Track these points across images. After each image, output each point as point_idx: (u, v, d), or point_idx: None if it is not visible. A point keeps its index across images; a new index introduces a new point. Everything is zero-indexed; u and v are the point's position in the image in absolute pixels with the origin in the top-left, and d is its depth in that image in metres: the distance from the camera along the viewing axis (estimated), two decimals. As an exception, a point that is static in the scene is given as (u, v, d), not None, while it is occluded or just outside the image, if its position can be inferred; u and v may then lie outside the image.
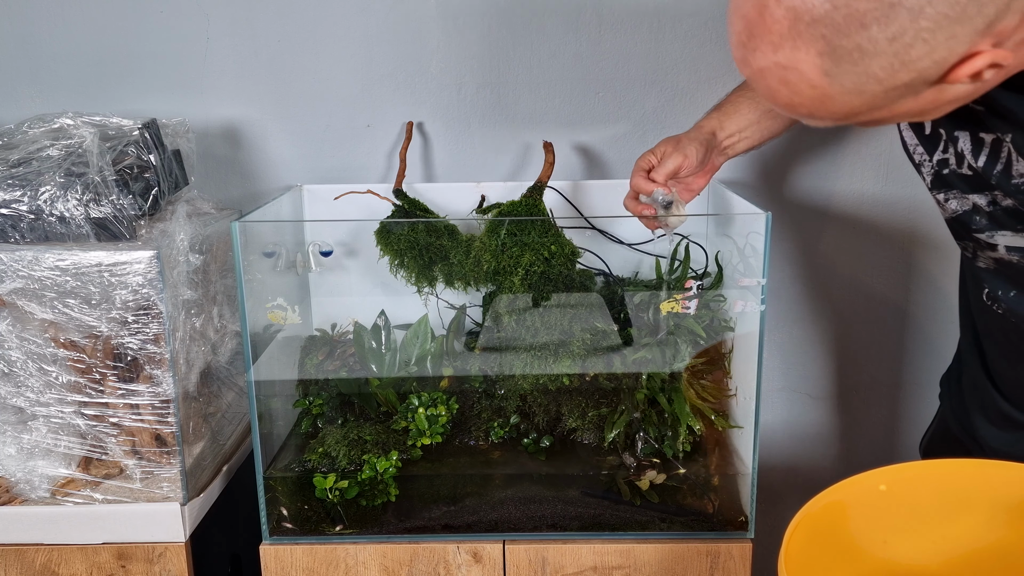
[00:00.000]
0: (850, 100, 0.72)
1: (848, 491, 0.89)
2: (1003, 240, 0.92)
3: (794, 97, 0.73)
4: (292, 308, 1.25)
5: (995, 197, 0.90)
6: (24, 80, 1.50)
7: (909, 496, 0.81)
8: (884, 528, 0.90)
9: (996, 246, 0.93)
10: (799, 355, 1.60)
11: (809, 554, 0.84)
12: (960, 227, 0.97)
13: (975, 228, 0.94)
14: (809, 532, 0.86)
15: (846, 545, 0.89)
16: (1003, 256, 0.94)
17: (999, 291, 0.97)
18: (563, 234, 1.25)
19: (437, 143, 1.51)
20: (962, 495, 0.87)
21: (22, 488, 1.21)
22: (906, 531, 0.89)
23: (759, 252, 1.13)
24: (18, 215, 1.13)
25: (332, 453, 1.25)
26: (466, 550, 1.21)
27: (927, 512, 0.87)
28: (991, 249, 0.94)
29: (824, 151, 1.49)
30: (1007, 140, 0.85)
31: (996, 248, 0.93)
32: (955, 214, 0.96)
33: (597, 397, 1.29)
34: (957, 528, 0.87)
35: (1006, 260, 0.94)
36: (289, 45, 1.47)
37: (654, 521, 1.22)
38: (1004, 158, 0.86)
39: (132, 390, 1.18)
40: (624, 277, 1.40)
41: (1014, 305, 0.96)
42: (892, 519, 0.89)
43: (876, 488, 0.89)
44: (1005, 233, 0.92)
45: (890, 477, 0.89)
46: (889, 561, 0.89)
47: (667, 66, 1.46)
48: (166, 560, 1.21)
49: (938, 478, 0.83)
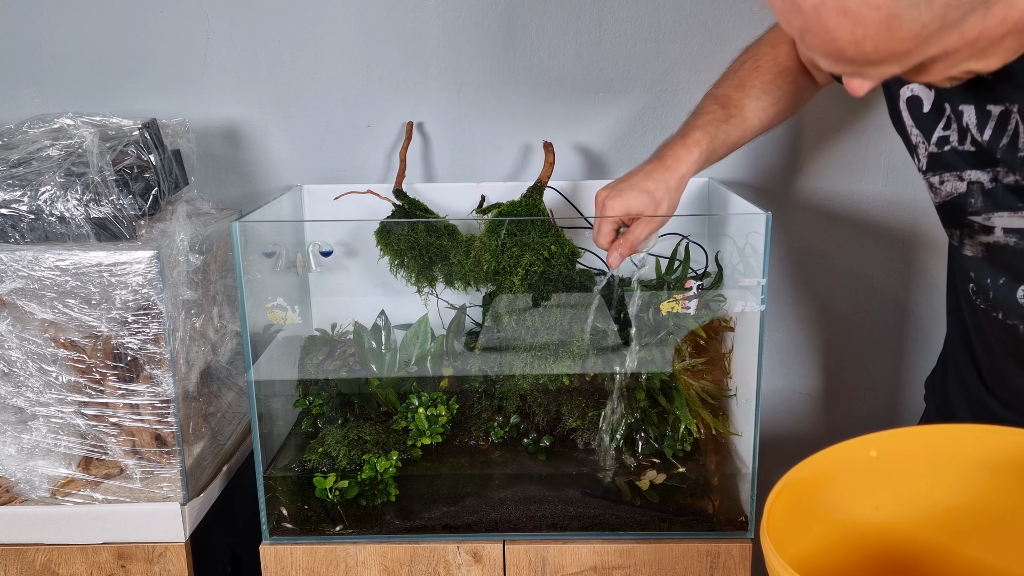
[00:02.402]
0: (919, 15, 0.67)
1: (836, 457, 0.89)
2: (1000, 222, 0.91)
3: (856, 30, 0.68)
4: (292, 308, 1.25)
5: (997, 174, 0.89)
6: (24, 80, 1.50)
7: (900, 462, 0.81)
8: (875, 494, 0.89)
9: (992, 229, 0.92)
10: (799, 355, 1.60)
11: (794, 520, 0.84)
12: (953, 211, 0.95)
13: (971, 210, 0.93)
14: (793, 498, 0.85)
15: (833, 511, 0.89)
16: (999, 240, 0.92)
17: (987, 279, 0.95)
18: (563, 234, 1.25)
19: (437, 143, 1.51)
20: (953, 458, 0.87)
21: (22, 488, 1.21)
22: (897, 496, 0.89)
23: (759, 252, 1.13)
24: (18, 215, 1.13)
25: (332, 453, 1.25)
26: (466, 550, 1.21)
27: (918, 477, 0.86)
28: (985, 233, 0.93)
29: (824, 151, 1.49)
30: (1015, 111, 0.84)
31: (992, 231, 0.92)
32: (949, 197, 0.94)
33: (597, 397, 1.29)
34: (945, 490, 0.87)
35: (1001, 244, 0.92)
36: (289, 45, 1.47)
37: (654, 521, 1.22)
38: (1011, 130, 0.86)
39: (132, 390, 1.18)
40: (624, 277, 1.40)
41: (1002, 293, 0.94)
42: (883, 485, 0.89)
43: (866, 454, 0.89)
44: (1003, 214, 0.90)
45: (880, 443, 0.88)
46: (879, 525, 0.89)
47: (667, 66, 1.46)
48: (166, 560, 1.21)
49: (928, 443, 0.83)
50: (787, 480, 0.86)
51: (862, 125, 1.48)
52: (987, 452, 0.85)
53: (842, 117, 1.48)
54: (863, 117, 1.48)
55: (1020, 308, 0.93)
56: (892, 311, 1.56)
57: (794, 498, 0.85)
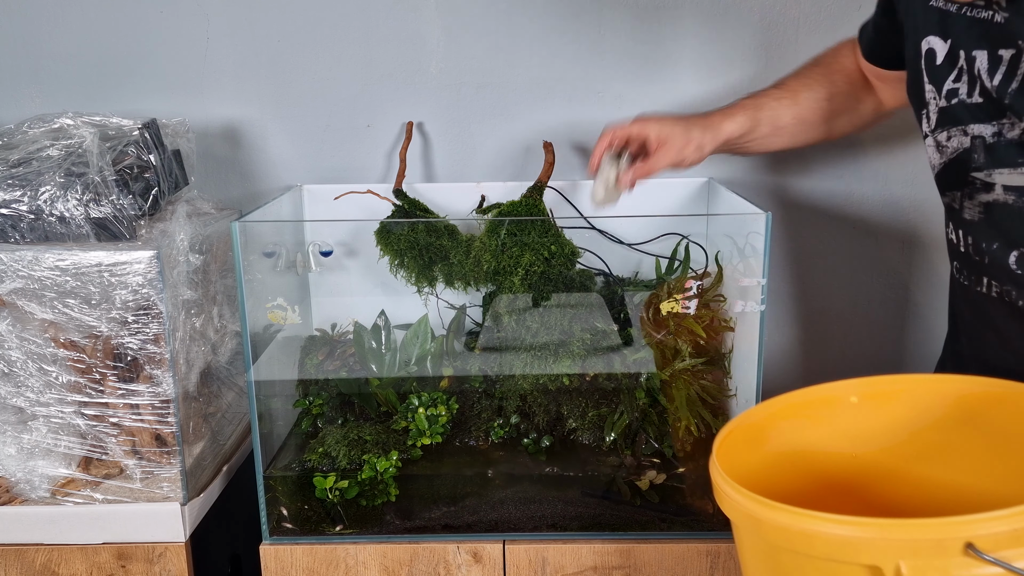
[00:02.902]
0: None
1: (815, 398, 0.91)
2: (1001, 179, 0.92)
3: None
4: (292, 308, 1.25)
5: (1001, 127, 0.91)
6: (24, 80, 1.50)
7: (881, 409, 0.82)
8: (852, 440, 0.91)
9: (993, 186, 0.93)
10: (799, 355, 1.60)
11: (744, 447, 0.86)
12: (957, 169, 0.97)
13: (973, 166, 0.94)
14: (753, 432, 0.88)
15: (800, 450, 0.91)
16: (998, 198, 0.93)
17: (982, 244, 0.96)
18: (563, 234, 1.25)
19: (437, 143, 1.51)
20: (932, 407, 0.89)
21: (22, 488, 1.21)
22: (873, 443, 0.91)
23: (759, 252, 1.13)
24: (18, 215, 1.13)
25: (332, 453, 1.25)
26: (466, 550, 1.21)
27: (899, 425, 0.87)
28: (986, 191, 0.94)
29: (824, 151, 1.49)
30: None
31: (992, 189, 0.93)
32: (954, 154, 0.96)
33: (597, 397, 1.29)
34: (906, 425, 0.90)
35: (1000, 203, 0.93)
36: (289, 45, 1.47)
37: (654, 521, 1.22)
38: (1021, 75, 0.87)
39: (132, 390, 1.18)
40: (624, 277, 1.40)
41: (997, 258, 0.95)
42: (861, 431, 0.91)
43: (847, 400, 0.91)
44: (1003, 171, 0.92)
45: (862, 390, 0.90)
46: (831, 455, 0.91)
47: (667, 66, 1.46)
48: (166, 560, 1.21)
49: (909, 392, 0.84)
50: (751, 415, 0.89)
51: (862, 125, 1.48)
52: (958, 395, 0.88)
53: (842, 117, 1.48)
54: (863, 117, 1.48)
55: (1012, 273, 0.94)
56: (892, 311, 1.56)
57: (755, 433, 0.88)
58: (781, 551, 0.72)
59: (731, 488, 0.75)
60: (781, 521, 0.70)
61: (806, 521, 0.68)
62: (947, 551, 0.63)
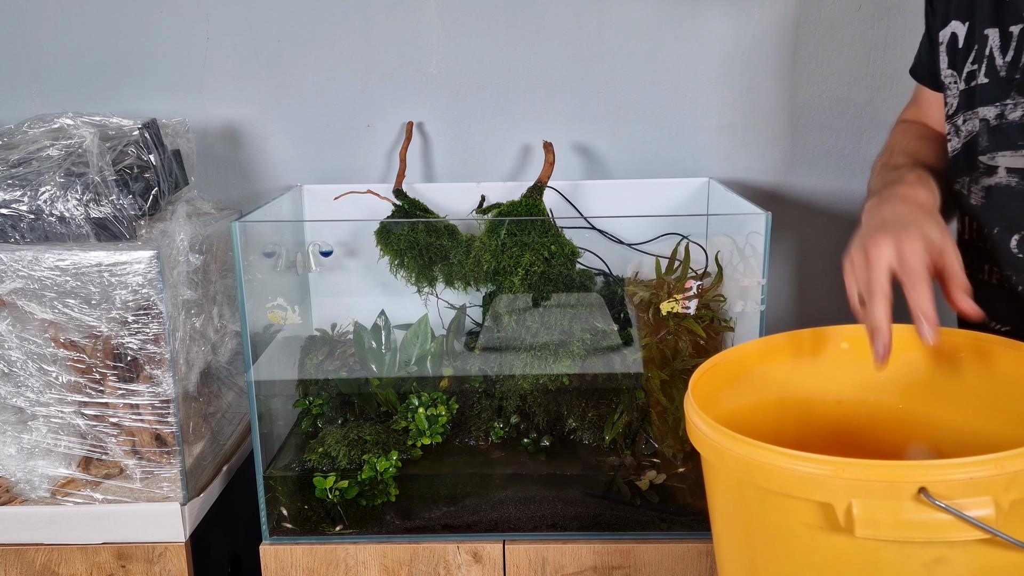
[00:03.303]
0: None
1: (803, 341, 0.91)
2: (1004, 161, 0.92)
3: None
4: (292, 308, 1.25)
5: (1004, 108, 0.91)
6: (24, 80, 1.50)
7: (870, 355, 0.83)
8: (839, 385, 0.92)
9: (996, 169, 0.93)
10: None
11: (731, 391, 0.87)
12: (967, 154, 0.97)
13: (979, 150, 0.94)
14: (736, 370, 0.88)
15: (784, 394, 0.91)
16: (1000, 181, 0.93)
17: (984, 229, 0.97)
18: (563, 234, 1.25)
19: (437, 143, 1.51)
20: (922, 357, 0.89)
21: (22, 488, 1.21)
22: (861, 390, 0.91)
23: (759, 252, 1.13)
24: (18, 215, 1.13)
25: (332, 453, 1.25)
26: (466, 550, 1.21)
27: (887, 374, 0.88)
28: (989, 175, 0.94)
29: (824, 151, 1.49)
30: None
31: (995, 172, 0.93)
32: (968, 138, 0.96)
33: (597, 397, 1.29)
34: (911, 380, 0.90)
35: (1002, 186, 0.93)
36: (289, 45, 1.47)
37: (654, 521, 1.22)
38: None
39: (132, 390, 1.18)
40: (624, 277, 1.40)
41: (998, 243, 0.95)
42: (849, 377, 0.91)
43: (838, 345, 0.91)
44: (1006, 153, 0.92)
45: (854, 335, 0.90)
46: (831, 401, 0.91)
47: (667, 66, 1.46)
48: (166, 560, 1.21)
49: (901, 341, 0.85)
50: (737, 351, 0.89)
51: (862, 125, 1.48)
52: (950, 345, 0.88)
53: (842, 117, 1.48)
54: (863, 117, 1.48)
55: (1013, 257, 0.94)
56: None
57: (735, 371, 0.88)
58: (744, 485, 0.73)
59: (702, 421, 0.76)
60: (743, 453, 0.70)
61: (765, 455, 0.69)
62: (900, 494, 0.63)
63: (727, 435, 0.72)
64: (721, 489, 0.79)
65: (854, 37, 1.44)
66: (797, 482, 0.67)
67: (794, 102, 1.47)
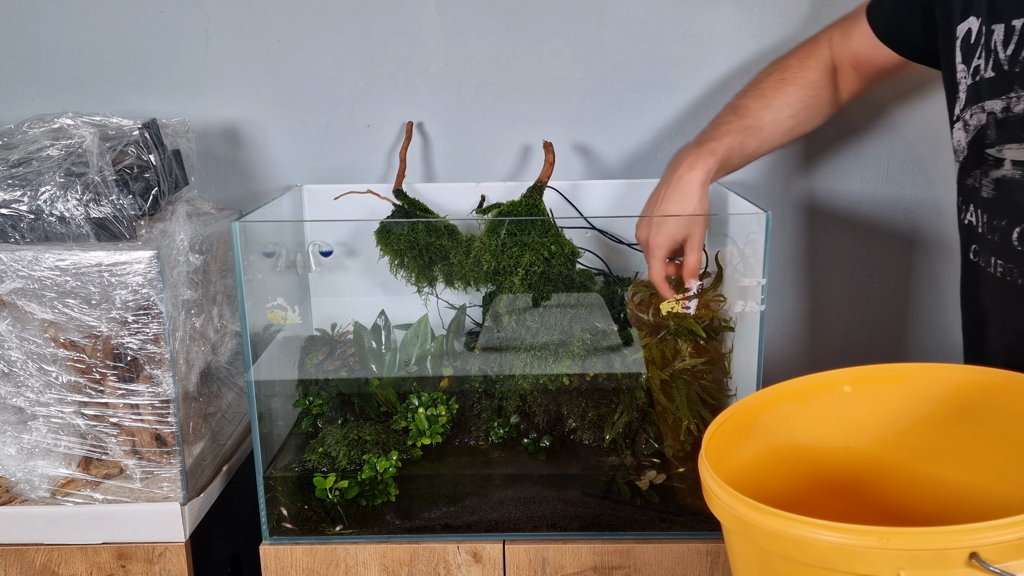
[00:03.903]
0: None
1: (807, 386, 0.90)
2: (1010, 154, 0.93)
3: None
4: (292, 308, 1.25)
5: (1009, 102, 0.91)
6: (24, 80, 1.50)
7: (875, 399, 0.81)
8: (846, 430, 0.89)
9: (1003, 162, 0.94)
10: (799, 355, 1.59)
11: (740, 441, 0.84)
12: (977, 148, 0.98)
13: (987, 143, 0.95)
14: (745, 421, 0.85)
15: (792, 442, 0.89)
16: (1006, 173, 0.94)
17: (993, 221, 0.97)
18: (563, 234, 1.25)
19: (437, 143, 1.51)
20: (927, 397, 0.87)
21: (22, 488, 1.21)
22: (864, 425, 0.89)
23: (759, 252, 1.13)
24: (18, 215, 1.13)
25: (332, 453, 1.25)
26: (466, 550, 1.21)
27: (893, 416, 0.86)
28: (997, 167, 0.94)
29: (824, 151, 1.49)
30: None
31: (1002, 164, 0.94)
32: (975, 131, 0.97)
33: (597, 397, 1.29)
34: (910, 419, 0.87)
35: (1008, 178, 0.94)
36: (289, 45, 1.47)
37: (654, 521, 1.22)
38: None
39: (132, 390, 1.18)
40: (624, 277, 1.40)
41: (1003, 235, 0.96)
42: (855, 421, 0.89)
43: (841, 389, 0.90)
44: (1012, 146, 0.93)
45: (856, 378, 0.88)
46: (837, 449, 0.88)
47: (667, 65, 1.46)
48: (166, 560, 1.21)
49: (904, 381, 0.83)
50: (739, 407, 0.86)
51: (862, 125, 1.48)
52: (957, 386, 0.86)
53: (842, 117, 1.48)
54: (863, 117, 1.48)
55: (1014, 251, 0.94)
56: (892, 311, 1.56)
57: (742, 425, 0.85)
58: (773, 556, 0.69)
59: (721, 489, 0.72)
60: (772, 526, 0.67)
61: (799, 527, 0.65)
62: (950, 561, 0.60)
63: (753, 507, 0.68)
64: (746, 559, 0.75)
65: (854, 37, 1.44)
66: (838, 554, 0.63)
67: (794, 102, 1.47)
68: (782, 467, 0.88)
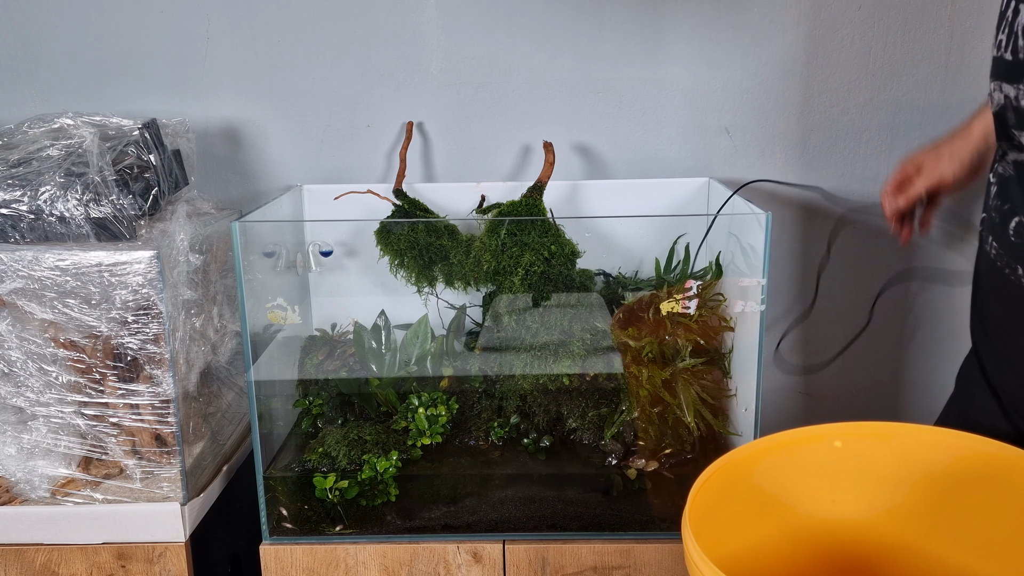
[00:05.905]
0: None
1: (798, 439, 0.89)
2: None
3: None
4: (292, 308, 1.25)
5: (1020, 91, 0.90)
6: (24, 80, 1.50)
7: (866, 456, 0.80)
8: (833, 486, 0.88)
9: (1023, 146, 0.92)
10: (799, 355, 1.60)
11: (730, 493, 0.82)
12: (1000, 124, 0.97)
13: (1011, 124, 0.94)
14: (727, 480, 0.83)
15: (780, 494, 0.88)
16: (1020, 158, 0.92)
17: (1004, 205, 0.96)
18: (563, 234, 1.25)
19: (437, 143, 1.51)
20: (918, 458, 0.86)
21: (22, 488, 1.21)
22: (858, 491, 0.88)
23: (759, 252, 1.13)
24: (18, 215, 1.13)
25: (332, 453, 1.25)
26: (466, 550, 1.21)
27: (881, 473, 0.85)
28: (1018, 151, 0.93)
29: (824, 151, 1.49)
30: None
31: (1023, 149, 0.92)
32: (998, 106, 0.96)
33: (597, 397, 1.29)
34: (910, 488, 0.86)
35: (1021, 161, 0.92)
36: (289, 45, 1.47)
37: (654, 521, 1.22)
38: None
39: (132, 390, 1.18)
40: (624, 277, 1.40)
41: (1004, 220, 0.94)
42: (843, 477, 0.88)
43: (831, 444, 0.89)
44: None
45: (847, 434, 0.88)
46: (836, 521, 0.87)
47: (667, 65, 1.46)
48: (166, 560, 1.21)
49: (895, 441, 0.82)
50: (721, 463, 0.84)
51: (862, 124, 1.48)
52: (951, 454, 0.85)
53: (842, 116, 1.48)
54: (863, 116, 1.48)
55: (1009, 240, 0.93)
56: (892, 311, 1.56)
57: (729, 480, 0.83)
58: None
59: (705, 566, 0.70)
60: None
61: None
62: None
63: None
64: None
65: (854, 37, 1.44)
66: None
67: (794, 102, 1.47)
68: (768, 523, 0.87)
